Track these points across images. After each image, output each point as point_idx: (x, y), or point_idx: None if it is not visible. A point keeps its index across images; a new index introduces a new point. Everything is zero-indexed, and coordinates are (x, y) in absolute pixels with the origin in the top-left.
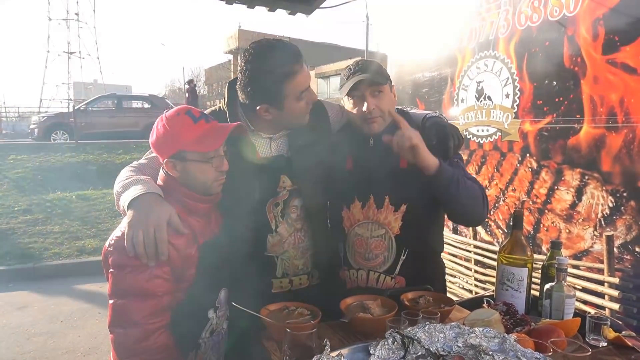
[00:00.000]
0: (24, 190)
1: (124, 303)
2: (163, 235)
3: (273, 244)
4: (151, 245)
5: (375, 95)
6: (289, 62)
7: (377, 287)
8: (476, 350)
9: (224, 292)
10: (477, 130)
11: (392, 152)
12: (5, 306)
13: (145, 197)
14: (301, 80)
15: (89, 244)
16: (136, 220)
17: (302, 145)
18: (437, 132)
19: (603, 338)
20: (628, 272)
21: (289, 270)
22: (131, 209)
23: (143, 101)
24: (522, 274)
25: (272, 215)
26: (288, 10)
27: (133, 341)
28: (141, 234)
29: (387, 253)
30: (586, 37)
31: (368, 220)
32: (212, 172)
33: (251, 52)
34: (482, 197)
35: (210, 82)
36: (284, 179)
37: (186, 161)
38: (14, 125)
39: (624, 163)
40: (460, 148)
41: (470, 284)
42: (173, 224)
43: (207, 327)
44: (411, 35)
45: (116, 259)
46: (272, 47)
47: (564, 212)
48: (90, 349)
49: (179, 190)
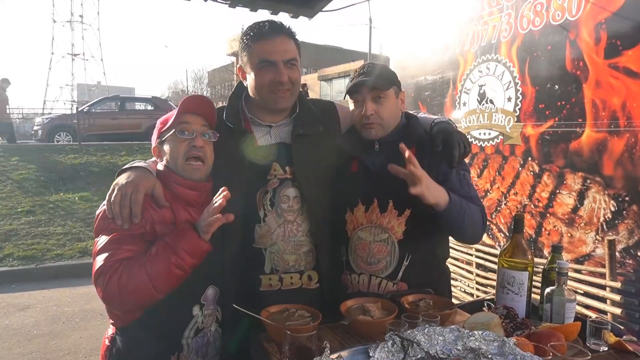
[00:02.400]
0: (26, 192)
1: (95, 258)
2: (138, 197)
3: (261, 235)
4: (126, 206)
5: (376, 100)
6: (264, 28)
7: (379, 292)
8: (475, 353)
9: (212, 289)
10: (479, 134)
11: (397, 157)
12: (7, 307)
13: (135, 168)
14: (267, 47)
15: (91, 246)
16: (118, 183)
17: (303, 135)
18: (444, 139)
19: (604, 342)
20: (630, 276)
21: (278, 266)
22: (119, 177)
23: (146, 103)
24: (523, 278)
25: (261, 204)
26: (291, 13)
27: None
28: (119, 194)
29: (390, 258)
30: (588, 41)
31: (371, 224)
32: (183, 146)
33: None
34: (482, 220)
35: (213, 84)
36: (275, 166)
37: (163, 141)
38: (17, 127)
39: (626, 167)
40: (467, 156)
41: (472, 287)
42: (155, 194)
43: (192, 325)
44: (414, 38)
45: (98, 224)
46: (263, 20)
47: (565, 216)
48: (92, 350)
49: (169, 175)
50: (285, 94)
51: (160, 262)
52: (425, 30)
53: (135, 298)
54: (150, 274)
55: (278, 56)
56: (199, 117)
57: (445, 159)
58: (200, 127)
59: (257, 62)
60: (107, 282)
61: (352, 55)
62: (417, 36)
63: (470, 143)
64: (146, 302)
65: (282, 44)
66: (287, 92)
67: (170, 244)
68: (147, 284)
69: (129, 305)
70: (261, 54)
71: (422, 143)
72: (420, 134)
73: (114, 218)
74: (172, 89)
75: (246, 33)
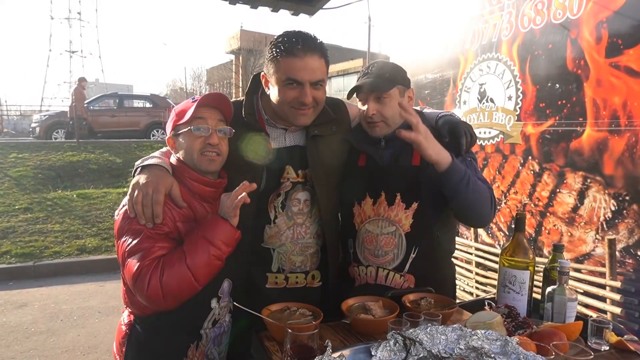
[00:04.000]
0: (24, 189)
1: (128, 262)
2: (159, 197)
3: (270, 235)
4: (148, 206)
5: (378, 100)
6: (295, 43)
7: (386, 284)
8: (478, 352)
9: (227, 282)
10: (479, 133)
11: (404, 149)
12: (5, 304)
13: (152, 167)
14: (297, 66)
15: (89, 243)
16: (138, 183)
17: (317, 135)
18: (450, 129)
19: (605, 342)
20: (630, 275)
21: (285, 266)
22: (137, 175)
23: (145, 100)
24: (524, 277)
25: (272, 206)
26: (291, 10)
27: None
28: (140, 194)
29: (397, 250)
30: (589, 40)
31: (379, 217)
32: (198, 142)
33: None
34: (490, 198)
35: (212, 82)
36: (288, 169)
37: (178, 134)
38: (15, 124)
39: (627, 166)
40: (473, 146)
41: (472, 287)
42: (173, 195)
43: (210, 317)
44: (413, 37)
45: (121, 226)
46: (295, 31)
47: (566, 215)
48: (90, 347)
49: (184, 171)
50: (307, 112)
51: (200, 255)
52: (425, 29)
53: (178, 293)
54: (191, 268)
55: (306, 77)
56: (216, 111)
57: (453, 149)
58: (216, 122)
59: (283, 79)
60: (149, 281)
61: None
62: (417, 34)
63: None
64: (188, 296)
65: (312, 64)
66: (310, 110)
67: (205, 236)
68: (190, 278)
69: (172, 301)
70: (289, 72)
71: None
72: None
73: (137, 217)
74: (170, 86)
75: (276, 45)
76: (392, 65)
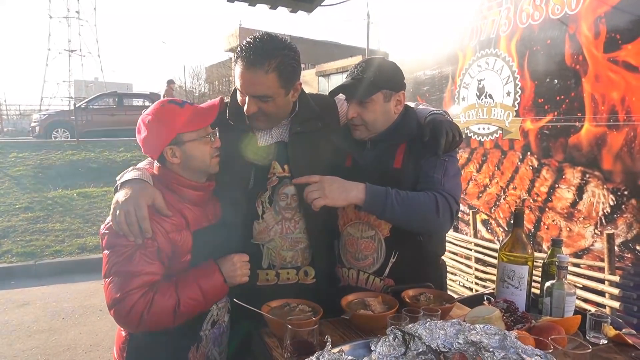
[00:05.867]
0: (25, 188)
1: (111, 280)
2: (142, 213)
3: (259, 231)
4: (133, 223)
5: (360, 104)
6: (248, 51)
7: (367, 287)
8: (477, 347)
9: None
10: (478, 129)
11: (387, 153)
12: (6, 303)
13: (131, 182)
14: (241, 74)
15: (90, 242)
16: (118, 202)
17: (300, 132)
18: (432, 129)
19: (603, 336)
20: (628, 270)
21: (275, 262)
22: (116, 193)
23: (144, 99)
24: (523, 272)
25: (259, 202)
26: (289, 8)
27: (124, 314)
28: (122, 213)
29: (377, 255)
30: (588, 35)
31: (359, 221)
32: (209, 148)
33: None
34: (435, 204)
35: (211, 80)
36: (274, 165)
37: (184, 143)
38: (15, 123)
39: (625, 161)
40: (458, 146)
41: (471, 282)
42: (156, 206)
43: (208, 319)
44: (412, 33)
45: (108, 240)
46: (259, 37)
47: (564, 211)
48: (91, 346)
49: (172, 178)
50: (257, 121)
51: (187, 300)
52: (423, 25)
53: (153, 327)
54: (178, 315)
55: (245, 89)
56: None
57: (430, 148)
58: (210, 129)
59: (236, 83)
60: (131, 310)
61: (350, 51)
62: (416, 31)
63: (466, 135)
64: (160, 329)
65: (253, 79)
66: (259, 121)
67: (197, 284)
68: (170, 316)
69: (142, 329)
70: (237, 78)
71: (414, 138)
72: (412, 129)
73: (125, 235)
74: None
75: (240, 46)
76: (382, 67)
